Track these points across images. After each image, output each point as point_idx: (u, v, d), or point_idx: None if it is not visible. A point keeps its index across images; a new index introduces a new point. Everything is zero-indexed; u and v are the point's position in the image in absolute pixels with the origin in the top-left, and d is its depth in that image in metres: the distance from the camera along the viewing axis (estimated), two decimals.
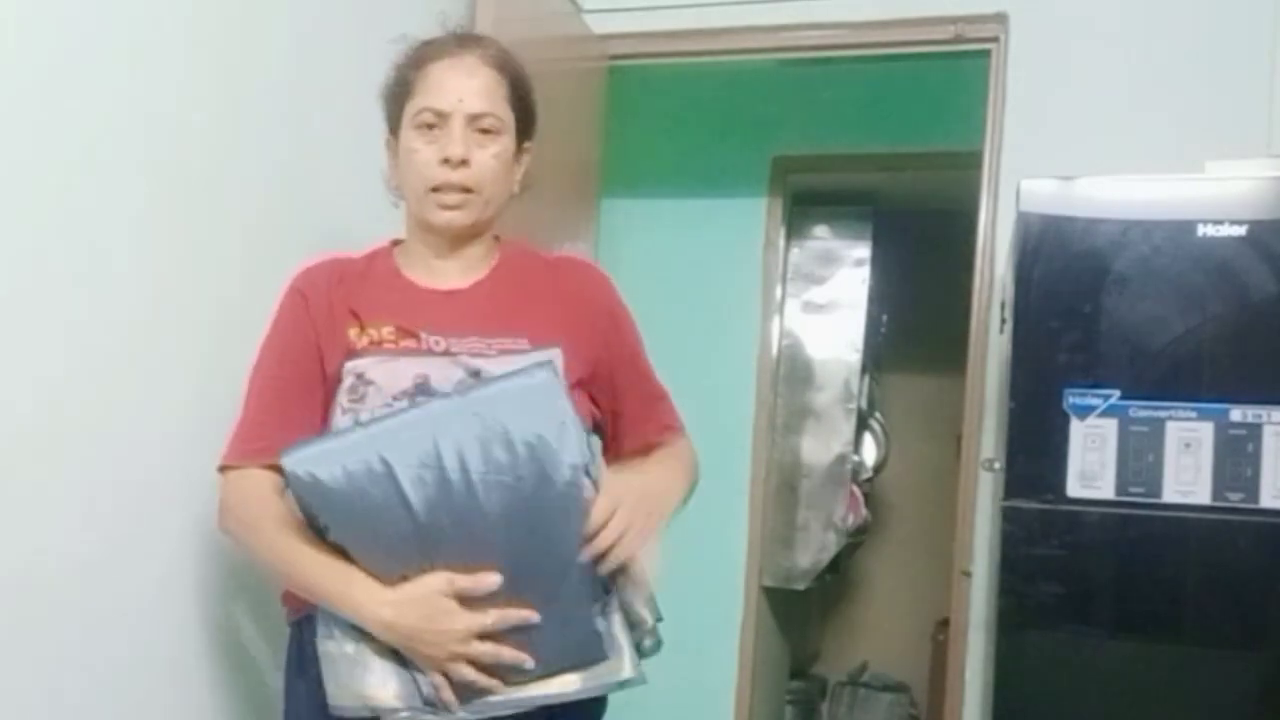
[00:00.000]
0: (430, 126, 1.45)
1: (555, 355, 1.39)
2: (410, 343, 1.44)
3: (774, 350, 4.00)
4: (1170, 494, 2.02)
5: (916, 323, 4.54)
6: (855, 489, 4.27)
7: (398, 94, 1.50)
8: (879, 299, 4.32)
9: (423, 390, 1.39)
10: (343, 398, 1.42)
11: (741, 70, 3.62)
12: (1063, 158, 2.38)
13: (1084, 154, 2.46)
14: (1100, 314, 2.07)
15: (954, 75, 3.19)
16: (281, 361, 1.49)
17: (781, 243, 4.02)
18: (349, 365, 1.43)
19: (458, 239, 1.50)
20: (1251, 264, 2.02)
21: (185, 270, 1.71)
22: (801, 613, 4.53)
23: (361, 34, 2.16)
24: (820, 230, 4.22)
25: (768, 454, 3.95)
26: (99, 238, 1.54)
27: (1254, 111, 2.45)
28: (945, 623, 3.16)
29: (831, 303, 4.17)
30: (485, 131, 1.45)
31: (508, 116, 1.48)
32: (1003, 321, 2.41)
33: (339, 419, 1.41)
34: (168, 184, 1.67)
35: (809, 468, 4.10)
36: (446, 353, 1.42)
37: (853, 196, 4.24)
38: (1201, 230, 2.04)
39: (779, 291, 4.03)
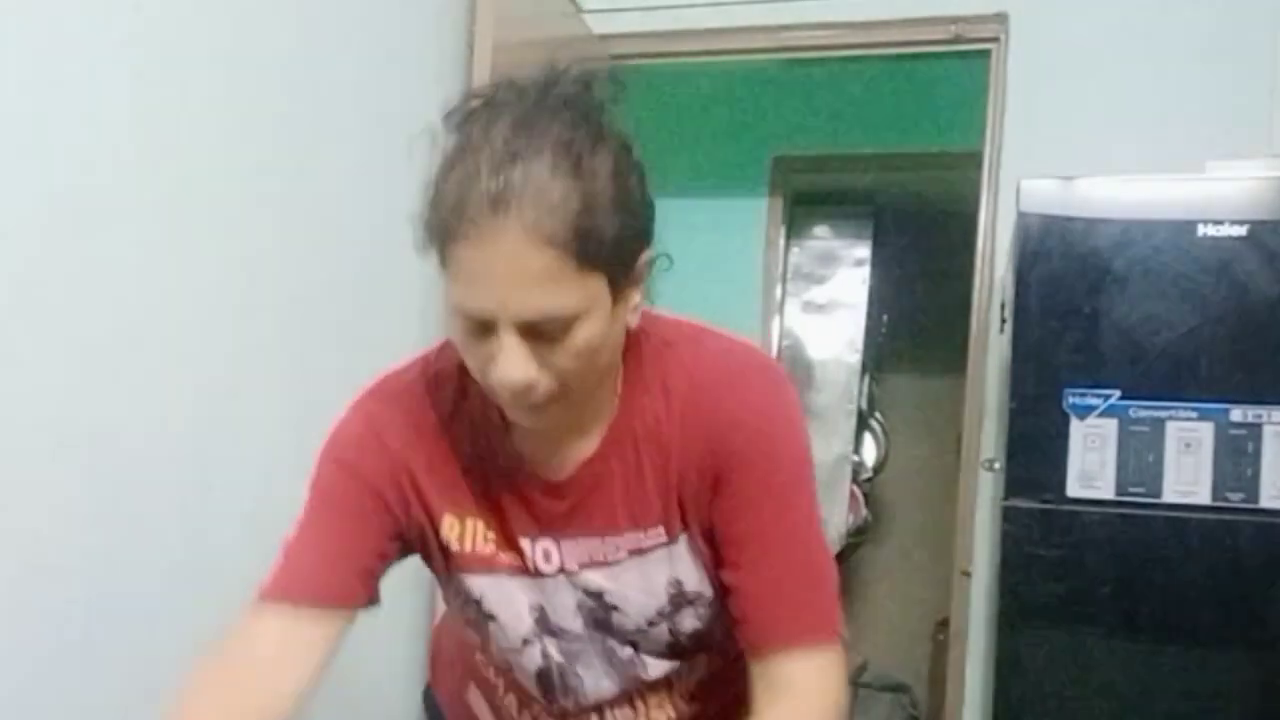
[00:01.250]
0: (475, 331, 0.97)
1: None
2: (511, 557, 1.10)
3: (774, 350, 4.00)
4: (1170, 494, 2.02)
5: (916, 323, 4.54)
6: (855, 489, 4.27)
7: (430, 242, 0.97)
8: (879, 299, 4.32)
9: (544, 627, 1.12)
10: (469, 628, 1.16)
11: (741, 70, 3.63)
12: (1063, 158, 2.38)
13: (1084, 154, 2.46)
14: (1100, 314, 2.07)
15: (954, 75, 3.20)
16: (337, 483, 1.11)
17: (781, 243, 4.03)
18: (459, 575, 1.13)
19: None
20: (1251, 264, 2.02)
21: (186, 271, 1.71)
22: None
23: (363, 37, 2.16)
24: (820, 230, 4.22)
25: None
26: (100, 240, 1.54)
27: (1254, 111, 2.45)
28: (945, 623, 3.16)
29: (831, 303, 4.17)
30: (551, 335, 0.95)
31: (587, 291, 0.95)
32: (1003, 321, 2.41)
33: (477, 658, 1.20)
34: (168, 185, 1.66)
35: None
36: (561, 570, 1.09)
37: (853, 196, 4.25)
38: (1201, 230, 2.04)
39: (779, 291, 4.03)
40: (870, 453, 4.52)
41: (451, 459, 1.10)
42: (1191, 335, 2.04)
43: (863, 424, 4.38)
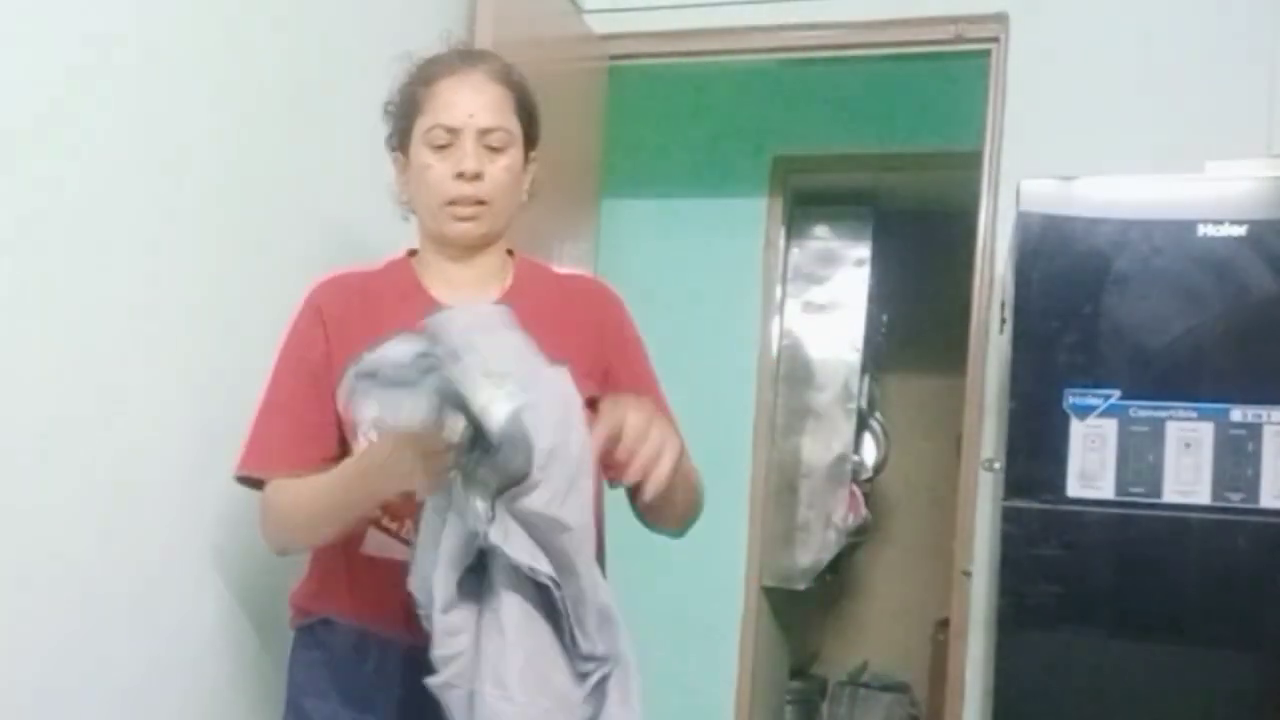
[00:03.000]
0: (442, 145, 1.46)
1: (564, 373, 1.32)
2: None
3: (774, 350, 4.00)
4: (1170, 494, 2.02)
5: (916, 323, 4.54)
6: (855, 489, 4.27)
7: (406, 111, 1.50)
8: (879, 299, 4.32)
9: None
10: (369, 428, 1.38)
11: (741, 70, 3.63)
12: (1063, 158, 2.38)
13: (1084, 154, 2.46)
14: (1100, 314, 2.07)
15: (954, 75, 3.20)
16: (296, 374, 1.48)
17: (781, 243, 4.02)
18: None
19: (472, 249, 1.52)
20: (1251, 264, 2.02)
21: (188, 273, 1.71)
22: (801, 613, 4.53)
23: (363, 38, 2.16)
24: (820, 230, 4.22)
25: (768, 454, 3.95)
26: (102, 241, 1.54)
27: (1254, 111, 2.45)
28: (945, 623, 3.16)
29: (831, 303, 4.17)
30: (495, 147, 1.47)
31: (516, 129, 1.50)
32: (1003, 321, 2.41)
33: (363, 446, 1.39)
34: (171, 188, 1.67)
35: (809, 468, 4.10)
36: None
37: (853, 196, 4.24)
38: (1201, 230, 2.04)
39: (779, 291, 4.03)
40: (870, 453, 4.52)
41: (374, 311, 1.46)
42: (1191, 335, 2.04)
43: (863, 424, 4.37)
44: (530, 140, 1.54)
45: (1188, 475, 2.02)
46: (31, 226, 1.43)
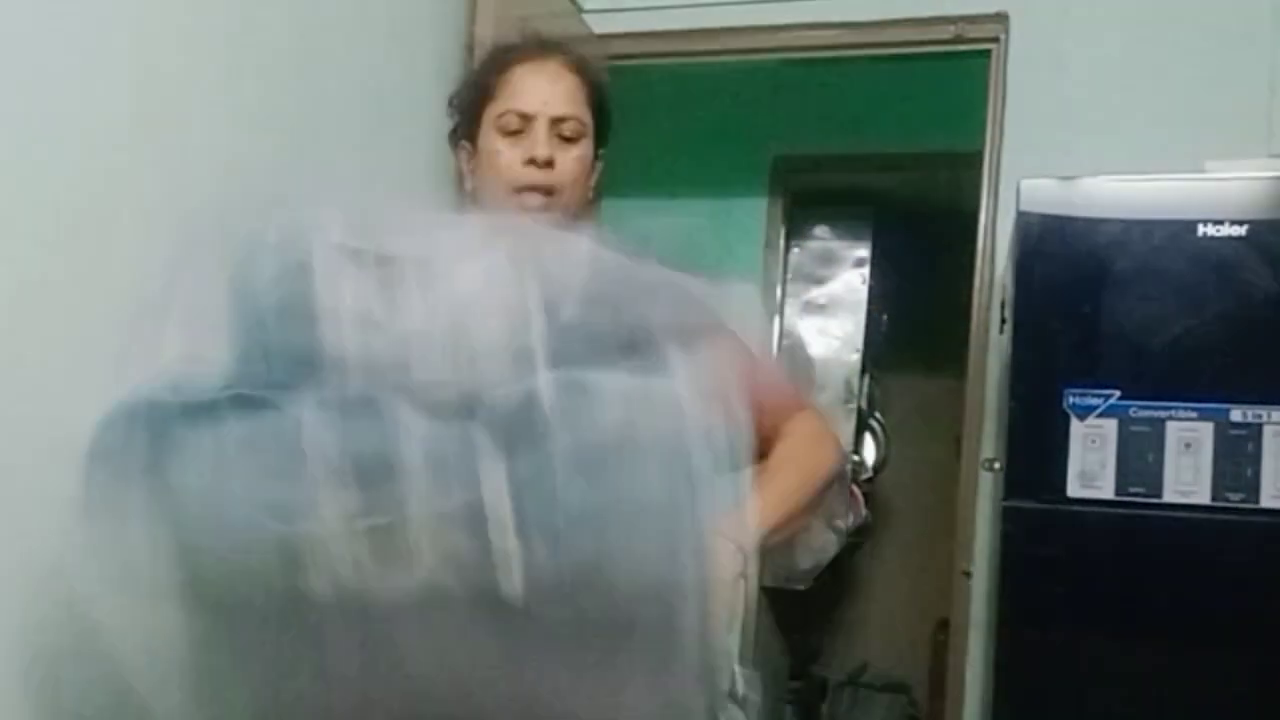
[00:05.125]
0: (514, 131, 1.44)
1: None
2: None
3: (774, 350, 4.00)
4: (1170, 494, 2.02)
5: (916, 323, 4.53)
6: (855, 489, 4.27)
7: (477, 97, 1.49)
8: (879, 299, 4.32)
9: None
10: None
11: (741, 70, 3.62)
12: (1063, 158, 2.38)
13: (1084, 154, 2.46)
14: (1100, 314, 2.07)
15: (954, 75, 3.20)
16: None
17: (781, 243, 4.02)
18: None
19: None
20: (1251, 264, 2.02)
21: None
22: (801, 613, 4.53)
23: (361, 37, 2.16)
24: (820, 230, 4.22)
25: None
26: (99, 240, 1.54)
27: (1254, 111, 2.45)
28: (945, 623, 3.16)
29: (831, 303, 4.17)
30: (567, 137, 1.46)
31: (589, 121, 1.49)
32: (1003, 321, 2.41)
33: None
34: (167, 185, 1.66)
35: None
36: None
37: (853, 196, 4.24)
38: (1201, 230, 2.04)
39: (779, 291, 4.03)
40: (870, 453, 4.52)
41: None
42: (1191, 335, 2.04)
43: (863, 424, 4.37)
44: (601, 137, 1.53)
45: (1188, 475, 2.02)
46: (25, 228, 1.43)
